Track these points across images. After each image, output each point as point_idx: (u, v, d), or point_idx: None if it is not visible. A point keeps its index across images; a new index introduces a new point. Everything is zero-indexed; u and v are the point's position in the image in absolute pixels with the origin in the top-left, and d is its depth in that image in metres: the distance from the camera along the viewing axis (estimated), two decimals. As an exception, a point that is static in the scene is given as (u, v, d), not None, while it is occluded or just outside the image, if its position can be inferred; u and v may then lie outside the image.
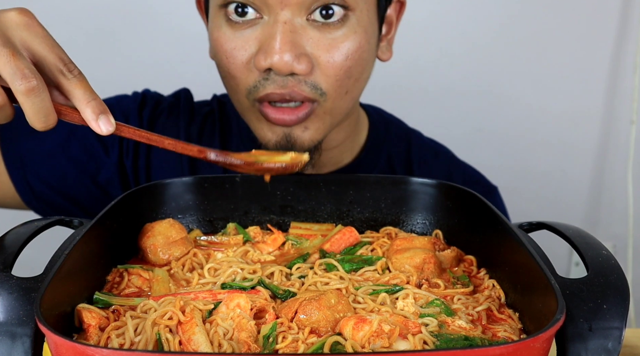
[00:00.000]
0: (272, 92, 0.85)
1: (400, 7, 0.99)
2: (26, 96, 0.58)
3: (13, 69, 0.57)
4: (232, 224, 0.87)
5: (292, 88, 0.85)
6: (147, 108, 1.07)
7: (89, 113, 0.62)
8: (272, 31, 0.83)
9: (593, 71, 1.84)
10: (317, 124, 0.90)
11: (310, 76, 0.86)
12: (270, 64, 0.82)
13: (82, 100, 0.62)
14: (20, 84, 0.57)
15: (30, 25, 0.61)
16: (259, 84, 0.86)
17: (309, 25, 0.84)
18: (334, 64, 0.86)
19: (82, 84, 0.62)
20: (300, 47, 0.83)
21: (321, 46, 0.85)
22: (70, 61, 0.62)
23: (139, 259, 0.79)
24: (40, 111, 0.59)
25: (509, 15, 1.78)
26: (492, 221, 0.75)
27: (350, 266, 0.76)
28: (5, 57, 0.58)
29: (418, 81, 1.78)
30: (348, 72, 0.87)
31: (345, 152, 1.07)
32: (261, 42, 0.84)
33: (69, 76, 0.62)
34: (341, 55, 0.86)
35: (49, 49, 0.61)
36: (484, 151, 1.65)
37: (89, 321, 0.61)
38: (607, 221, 1.99)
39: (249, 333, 0.60)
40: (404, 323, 0.62)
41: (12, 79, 0.58)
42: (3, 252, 0.65)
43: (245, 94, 0.88)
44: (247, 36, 0.85)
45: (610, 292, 0.59)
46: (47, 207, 1.04)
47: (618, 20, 1.79)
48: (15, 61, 0.58)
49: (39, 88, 0.58)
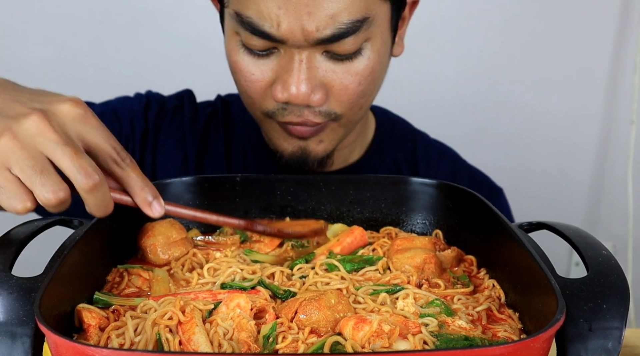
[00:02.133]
0: (290, 121, 0.89)
1: (412, 4, 1.00)
2: (90, 193, 0.61)
3: (77, 168, 0.60)
4: (231, 224, 0.87)
5: (307, 117, 0.88)
6: (152, 110, 1.08)
7: (142, 199, 0.66)
8: (289, 67, 0.85)
9: (593, 71, 1.84)
10: (331, 136, 0.93)
11: (324, 105, 0.88)
12: (287, 98, 0.85)
13: (136, 188, 0.66)
14: (85, 183, 0.60)
15: (85, 117, 0.63)
16: (277, 113, 0.89)
17: (324, 59, 0.85)
18: (347, 91, 0.88)
19: (135, 172, 0.66)
20: (315, 79, 0.86)
21: (335, 76, 0.86)
22: (122, 150, 0.65)
23: (138, 259, 0.79)
24: (102, 202, 0.62)
25: (509, 15, 1.78)
26: (492, 221, 0.75)
27: (352, 266, 0.76)
28: (68, 156, 0.59)
29: (418, 82, 1.78)
30: (361, 94, 0.90)
31: (353, 151, 1.09)
32: (278, 73, 0.86)
33: (122, 165, 0.65)
34: (354, 82, 0.87)
35: (104, 141, 0.64)
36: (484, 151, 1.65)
37: (89, 321, 0.61)
38: (607, 221, 1.99)
39: (249, 333, 0.60)
40: (404, 323, 0.62)
41: (75, 177, 0.60)
42: (3, 252, 0.65)
43: (261, 112, 0.91)
44: (265, 66, 0.87)
45: (610, 292, 0.59)
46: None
47: (618, 20, 1.79)
48: (79, 160, 0.60)
49: (102, 183, 0.61)
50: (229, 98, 1.15)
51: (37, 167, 0.59)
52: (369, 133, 1.11)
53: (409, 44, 1.01)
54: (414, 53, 1.64)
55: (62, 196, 0.60)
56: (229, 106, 1.12)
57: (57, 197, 0.60)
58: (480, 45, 1.79)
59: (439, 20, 1.75)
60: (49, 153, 0.60)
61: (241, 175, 0.89)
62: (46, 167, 0.59)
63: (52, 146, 0.59)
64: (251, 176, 0.90)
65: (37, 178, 0.59)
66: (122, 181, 0.66)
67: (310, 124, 0.89)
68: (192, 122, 1.09)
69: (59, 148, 0.59)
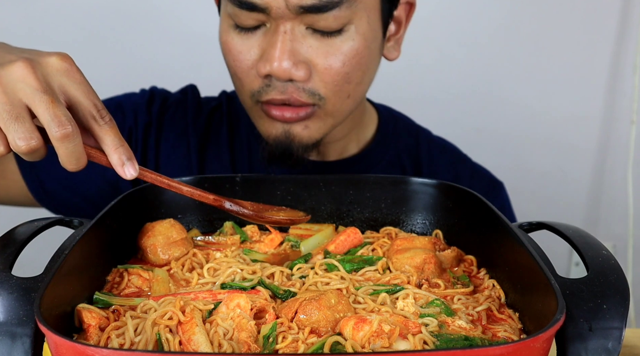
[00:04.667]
0: (274, 98, 0.90)
1: (409, 7, 1.01)
2: (61, 141, 0.61)
3: (51, 116, 0.61)
4: (228, 223, 0.87)
5: (291, 94, 0.89)
6: (155, 104, 1.10)
7: (116, 158, 0.66)
8: (273, 39, 0.87)
9: (593, 71, 1.84)
10: (318, 124, 0.94)
11: (308, 83, 0.89)
12: (269, 70, 0.87)
13: (111, 146, 0.66)
14: (56, 131, 0.61)
15: (69, 71, 0.65)
16: (262, 90, 0.91)
17: (308, 33, 0.87)
18: (330, 71, 0.89)
19: (112, 131, 0.66)
20: (299, 54, 0.87)
21: (319, 53, 0.88)
22: (103, 108, 0.66)
23: (138, 259, 0.79)
24: (73, 154, 0.63)
25: (508, 15, 1.78)
26: (492, 221, 0.75)
27: (351, 266, 0.76)
28: (44, 103, 0.61)
29: (418, 81, 1.78)
30: (346, 78, 0.90)
31: (350, 144, 1.09)
32: (263, 49, 0.88)
33: (100, 123, 0.65)
34: (338, 61, 0.89)
35: (85, 96, 0.65)
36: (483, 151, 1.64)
37: (89, 321, 0.61)
38: (607, 221, 1.99)
39: (249, 333, 0.60)
40: (404, 323, 0.62)
41: (49, 124, 0.61)
42: (3, 252, 0.65)
43: (249, 96, 0.93)
44: (251, 42, 0.89)
45: (610, 292, 0.59)
46: (59, 204, 1.06)
47: (618, 20, 1.79)
48: (54, 108, 0.61)
49: (74, 134, 0.62)
50: (234, 94, 1.16)
51: (13, 112, 0.61)
52: (370, 128, 1.13)
53: (409, 44, 1.02)
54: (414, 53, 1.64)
55: (33, 144, 0.61)
56: (233, 100, 1.14)
57: (29, 144, 0.61)
58: (480, 45, 1.79)
59: (438, 20, 1.75)
60: (28, 99, 0.61)
61: (241, 175, 0.89)
62: (22, 114, 0.61)
63: (32, 92, 0.61)
64: (251, 176, 0.90)
65: (12, 123, 0.61)
66: (98, 138, 0.66)
67: (294, 102, 0.89)
68: (196, 115, 1.11)
69: (38, 95, 0.61)
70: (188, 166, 1.07)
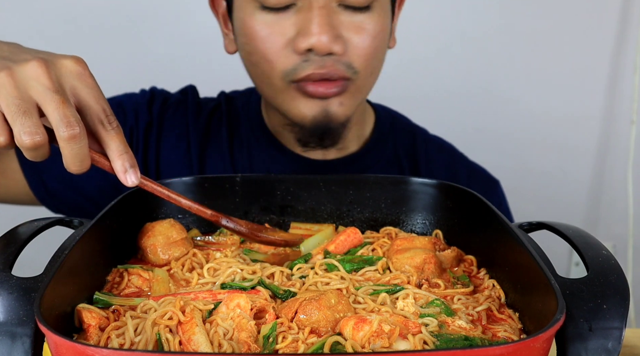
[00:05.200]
0: (313, 73, 0.91)
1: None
2: (67, 141, 0.62)
3: (60, 116, 0.61)
4: (229, 223, 0.87)
5: (329, 68, 0.91)
6: (156, 103, 1.11)
7: (119, 165, 0.67)
8: (310, 15, 0.89)
9: (593, 71, 1.84)
10: (350, 100, 0.96)
11: (344, 56, 0.92)
12: (310, 44, 0.89)
13: (116, 152, 0.67)
14: (64, 131, 0.61)
15: (82, 75, 0.66)
16: (298, 67, 0.91)
17: (340, 10, 0.91)
18: (363, 45, 0.92)
19: (118, 137, 0.67)
20: (335, 28, 0.90)
21: (352, 28, 0.91)
22: (111, 114, 0.67)
23: (138, 259, 0.79)
24: (77, 156, 0.63)
25: (508, 15, 1.78)
26: (492, 221, 0.75)
27: (351, 266, 0.76)
28: (55, 103, 0.62)
29: (418, 81, 1.78)
30: (374, 53, 0.94)
31: (351, 141, 1.10)
32: (298, 26, 0.90)
33: (108, 128, 0.66)
34: (368, 37, 0.92)
35: (95, 100, 0.66)
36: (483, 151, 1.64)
37: (89, 321, 0.61)
38: (607, 221, 1.99)
39: (249, 333, 0.60)
40: (404, 323, 0.62)
41: (57, 124, 0.61)
42: (3, 252, 0.65)
43: (282, 77, 0.93)
44: (284, 21, 0.91)
45: (610, 292, 0.59)
46: (60, 203, 1.06)
47: (618, 20, 1.79)
48: (64, 108, 0.62)
49: (80, 136, 0.62)
50: (233, 94, 1.17)
51: (22, 106, 0.61)
52: (368, 126, 1.13)
53: (409, 43, 1.02)
54: (414, 53, 1.65)
55: (37, 139, 0.61)
56: (232, 101, 1.15)
57: (33, 140, 0.61)
58: (480, 45, 1.79)
59: (439, 20, 1.75)
60: (39, 97, 0.62)
61: (241, 175, 0.89)
62: (30, 110, 0.62)
63: (43, 90, 0.62)
64: (251, 176, 0.90)
65: (19, 117, 0.61)
66: (104, 143, 0.67)
67: (333, 75, 0.91)
68: (196, 114, 1.11)
69: (49, 94, 0.62)
70: (188, 165, 1.07)
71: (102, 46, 1.70)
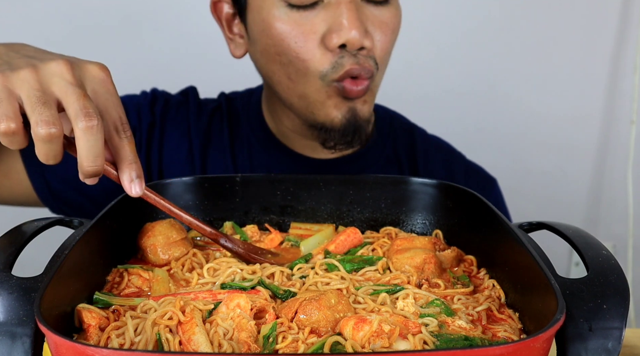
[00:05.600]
0: (352, 68, 0.90)
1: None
2: (85, 132, 0.61)
3: (80, 106, 0.61)
4: (228, 223, 0.88)
5: (363, 63, 0.91)
6: (158, 104, 1.11)
7: (127, 174, 0.67)
8: (339, 11, 0.88)
9: (593, 71, 1.84)
10: (371, 97, 0.97)
11: (371, 51, 0.92)
12: (344, 39, 0.88)
13: (126, 160, 0.67)
14: (82, 121, 0.61)
15: (105, 81, 0.67)
16: (336, 65, 0.90)
17: (364, 4, 0.91)
18: (386, 40, 0.93)
19: (129, 146, 0.67)
20: (363, 23, 0.90)
21: (376, 24, 0.92)
22: (127, 123, 0.67)
23: (138, 259, 0.79)
24: (92, 149, 0.62)
25: (508, 15, 1.78)
26: (492, 221, 0.75)
27: (351, 266, 0.76)
28: (76, 95, 0.62)
29: (418, 81, 1.78)
30: (391, 46, 0.96)
31: None
32: (329, 23, 0.89)
33: (122, 135, 0.66)
34: (389, 31, 0.94)
35: (113, 107, 0.66)
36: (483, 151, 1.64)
37: (89, 321, 0.61)
38: (607, 221, 1.99)
39: (249, 333, 0.60)
40: (404, 323, 0.62)
41: (77, 114, 0.61)
42: (3, 252, 0.65)
43: (320, 76, 0.92)
44: (313, 19, 0.90)
45: (610, 292, 0.59)
46: (63, 204, 1.06)
47: (618, 20, 1.79)
48: (84, 100, 0.62)
49: (98, 128, 0.62)
50: (233, 95, 1.17)
51: (42, 98, 0.61)
52: None
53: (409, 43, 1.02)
54: (414, 53, 1.65)
55: (53, 131, 0.61)
56: (232, 102, 1.15)
57: (49, 130, 0.61)
58: (480, 45, 1.79)
59: (438, 20, 1.75)
60: (60, 92, 0.62)
61: (241, 175, 0.89)
62: (49, 102, 0.62)
63: (65, 85, 0.62)
64: (251, 176, 0.90)
65: (38, 106, 0.61)
66: (115, 150, 0.67)
67: (367, 71, 0.91)
68: (197, 115, 1.11)
69: (70, 88, 0.62)
70: (191, 166, 1.07)
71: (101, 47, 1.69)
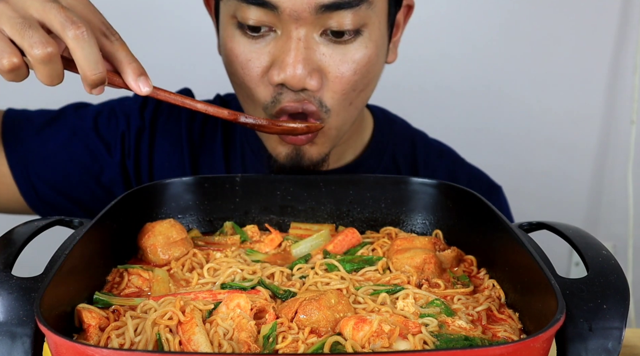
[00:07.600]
0: (287, 105, 0.86)
1: (408, 10, 0.99)
2: (76, 40, 0.61)
3: (63, 18, 0.61)
4: (229, 223, 0.87)
5: (303, 103, 0.86)
6: (148, 108, 1.08)
7: (130, 74, 0.66)
8: (286, 47, 0.83)
9: (593, 71, 1.84)
10: (323, 139, 0.91)
11: (318, 93, 0.86)
12: (283, 79, 0.83)
13: (124, 61, 0.66)
14: (70, 29, 0.61)
15: None
16: (274, 100, 0.86)
17: (322, 41, 0.84)
18: (342, 79, 0.86)
19: (123, 47, 0.66)
20: (312, 62, 0.84)
21: (331, 61, 0.85)
22: (111, 26, 0.66)
23: (138, 259, 0.79)
24: (90, 56, 0.62)
25: (509, 15, 1.78)
26: (492, 221, 0.75)
27: (351, 266, 0.76)
28: (55, 9, 0.62)
29: (418, 81, 1.78)
30: (353, 86, 0.88)
31: (347, 150, 1.07)
32: (274, 56, 0.84)
33: (112, 38, 0.66)
34: (350, 69, 0.86)
35: (92, 14, 0.66)
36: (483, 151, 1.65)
37: (89, 321, 0.61)
38: (607, 221, 1.99)
39: (249, 333, 0.60)
40: (404, 323, 0.62)
41: (63, 26, 0.61)
42: (3, 252, 0.65)
43: (262, 108, 0.89)
44: (260, 48, 0.85)
45: (610, 292, 0.59)
46: (51, 209, 1.04)
47: (618, 21, 1.79)
48: (65, 12, 0.62)
49: (89, 33, 0.62)
50: (228, 97, 1.14)
51: (25, 23, 0.61)
52: (367, 132, 1.10)
53: (408, 44, 1.01)
54: (414, 53, 1.64)
55: (50, 50, 0.61)
56: (228, 104, 1.12)
57: (46, 50, 0.61)
58: (480, 45, 1.79)
59: (438, 20, 1.75)
60: (38, 12, 0.62)
61: (241, 175, 0.89)
62: (35, 25, 0.62)
63: (40, 4, 0.62)
64: (251, 176, 0.90)
65: (26, 30, 0.61)
66: (110, 54, 0.66)
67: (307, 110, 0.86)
68: (190, 119, 1.08)
69: (47, 4, 0.62)
70: (182, 172, 1.05)
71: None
